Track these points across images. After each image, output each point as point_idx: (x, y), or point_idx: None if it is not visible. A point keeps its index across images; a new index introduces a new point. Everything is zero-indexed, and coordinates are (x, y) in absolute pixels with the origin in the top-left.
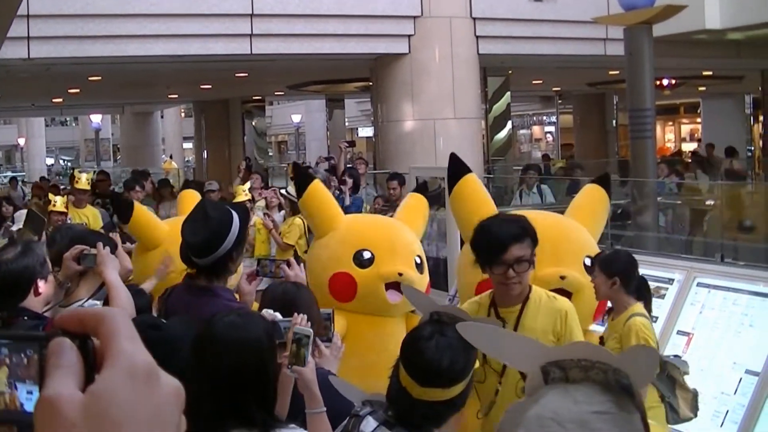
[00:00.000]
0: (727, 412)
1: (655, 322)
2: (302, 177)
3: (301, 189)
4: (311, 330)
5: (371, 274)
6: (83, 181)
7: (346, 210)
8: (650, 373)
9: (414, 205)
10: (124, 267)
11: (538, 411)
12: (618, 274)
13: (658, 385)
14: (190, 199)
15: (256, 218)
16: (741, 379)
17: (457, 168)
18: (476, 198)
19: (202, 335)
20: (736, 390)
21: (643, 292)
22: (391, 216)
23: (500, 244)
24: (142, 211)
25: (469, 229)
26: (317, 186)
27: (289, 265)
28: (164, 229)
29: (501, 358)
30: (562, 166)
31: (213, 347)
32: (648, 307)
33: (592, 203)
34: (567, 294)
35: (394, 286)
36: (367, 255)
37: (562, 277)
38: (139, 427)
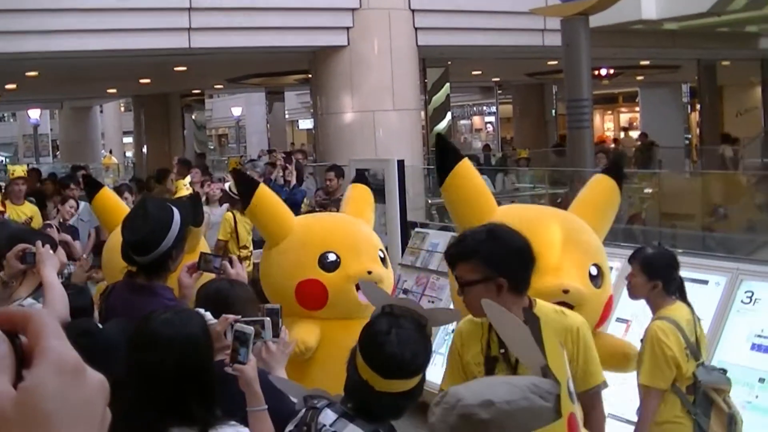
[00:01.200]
0: None
1: None
2: (246, 183)
3: (246, 197)
4: (252, 328)
5: (340, 277)
6: (19, 170)
7: (286, 200)
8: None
9: (358, 196)
10: (60, 261)
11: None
12: (661, 278)
13: (685, 399)
14: None
15: None
16: None
17: (447, 154)
18: (470, 188)
19: (138, 333)
20: None
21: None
22: (334, 210)
23: (449, 261)
24: (108, 194)
25: (465, 222)
26: (263, 192)
27: (230, 262)
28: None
29: (510, 344)
30: (526, 156)
31: (149, 345)
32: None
33: (598, 197)
34: (567, 307)
35: None
36: (332, 257)
37: (565, 291)
38: (67, 419)
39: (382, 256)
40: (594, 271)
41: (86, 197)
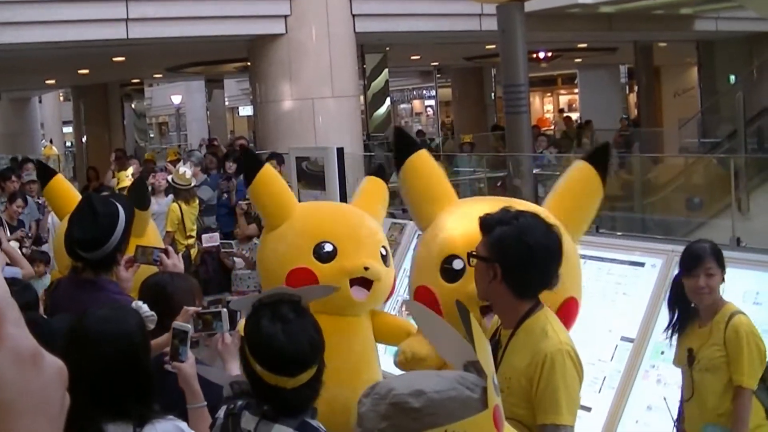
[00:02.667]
0: (605, 378)
1: None
2: (251, 161)
3: (249, 175)
4: (190, 326)
5: (334, 270)
6: None
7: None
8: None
9: (371, 189)
10: (28, 271)
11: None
12: (723, 267)
13: (764, 399)
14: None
15: None
16: (617, 346)
17: (404, 145)
18: (425, 177)
19: (74, 329)
20: (612, 357)
21: None
22: None
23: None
24: (62, 182)
25: (422, 214)
26: (268, 172)
27: (167, 254)
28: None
29: (434, 343)
30: (469, 141)
31: (84, 341)
32: None
33: (574, 187)
34: None
35: (360, 281)
36: (328, 247)
37: None
38: (27, 406)
39: (384, 253)
40: (458, 265)
41: (39, 184)
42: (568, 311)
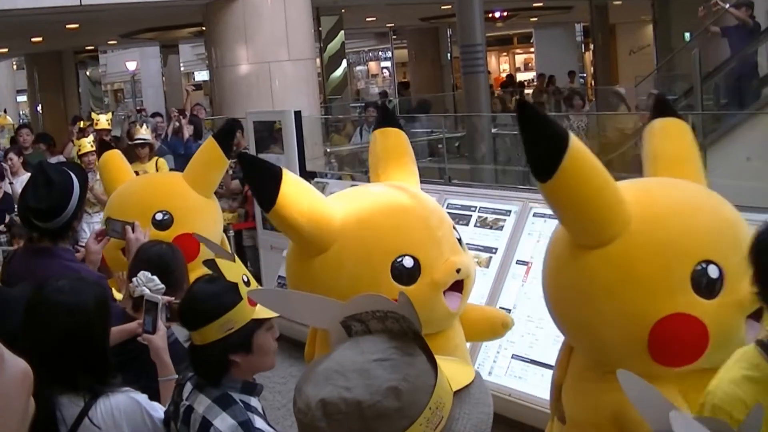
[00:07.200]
0: None
1: (494, 253)
2: (265, 175)
3: (268, 195)
4: (160, 298)
5: (424, 288)
6: None
7: (184, 155)
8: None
9: (395, 148)
10: None
11: (327, 364)
12: None
13: None
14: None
15: None
16: None
17: (546, 139)
18: (591, 179)
19: (31, 299)
20: None
21: None
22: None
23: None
24: (115, 156)
25: (580, 217)
26: (293, 187)
27: (133, 228)
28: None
29: (299, 319)
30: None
31: (39, 312)
32: None
33: (688, 147)
34: None
35: (452, 286)
36: (408, 263)
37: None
38: None
39: (458, 236)
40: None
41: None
42: None
